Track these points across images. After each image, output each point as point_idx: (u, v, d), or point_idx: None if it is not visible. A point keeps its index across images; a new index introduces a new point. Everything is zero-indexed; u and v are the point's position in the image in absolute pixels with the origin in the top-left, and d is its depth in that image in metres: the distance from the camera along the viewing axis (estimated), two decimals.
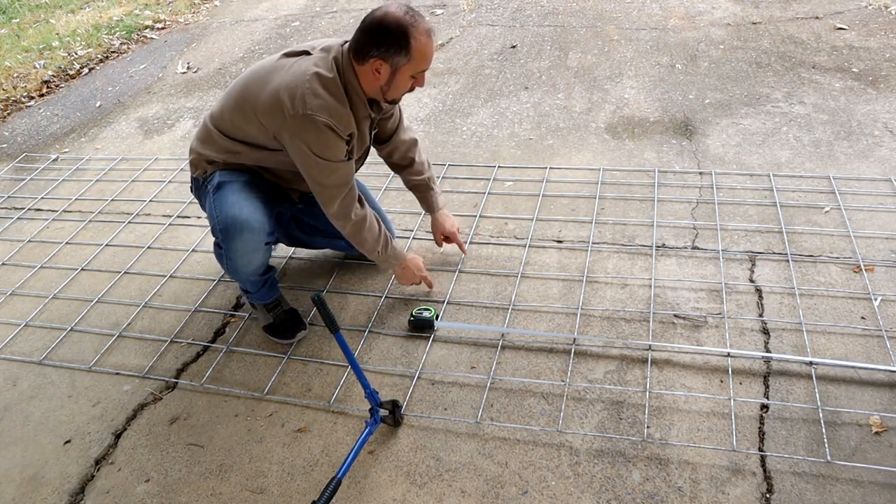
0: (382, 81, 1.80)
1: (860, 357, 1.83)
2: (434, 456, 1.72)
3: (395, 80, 1.80)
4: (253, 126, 1.86)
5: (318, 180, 1.88)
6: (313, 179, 1.88)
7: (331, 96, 1.77)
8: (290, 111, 1.75)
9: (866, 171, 2.56)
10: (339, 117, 1.78)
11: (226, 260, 1.99)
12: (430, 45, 1.76)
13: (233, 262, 1.96)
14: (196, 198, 2.12)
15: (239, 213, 1.87)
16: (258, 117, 1.83)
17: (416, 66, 1.77)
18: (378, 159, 2.32)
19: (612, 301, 2.11)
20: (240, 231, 1.88)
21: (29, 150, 3.70)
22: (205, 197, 2.01)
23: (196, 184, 2.06)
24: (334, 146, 1.81)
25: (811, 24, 3.83)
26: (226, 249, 1.94)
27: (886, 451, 1.59)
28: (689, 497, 1.54)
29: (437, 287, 2.26)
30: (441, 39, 4.32)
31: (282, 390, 1.96)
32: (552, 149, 2.98)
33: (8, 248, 2.83)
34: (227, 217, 1.88)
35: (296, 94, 1.75)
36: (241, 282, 2.09)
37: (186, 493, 1.71)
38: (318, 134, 1.77)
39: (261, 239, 1.94)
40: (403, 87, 1.83)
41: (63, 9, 6.32)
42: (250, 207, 1.89)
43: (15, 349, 2.27)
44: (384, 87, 1.82)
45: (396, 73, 1.78)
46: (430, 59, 1.79)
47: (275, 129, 1.82)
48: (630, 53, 3.77)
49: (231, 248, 1.92)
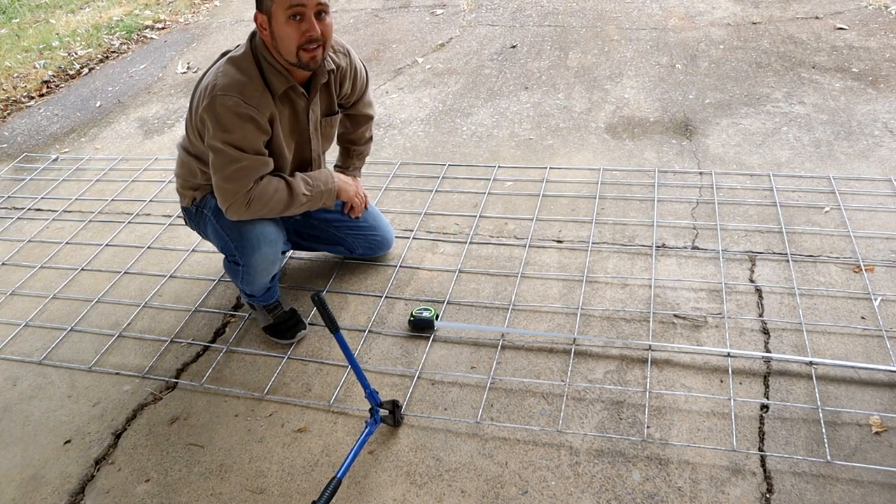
0: (269, 37, 1.70)
1: (860, 357, 1.83)
2: (434, 456, 1.72)
3: (275, 29, 1.67)
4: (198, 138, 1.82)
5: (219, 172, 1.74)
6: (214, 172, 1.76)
7: (239, 73, 1.70)
8: (203, 100, 1.69)
9: (866, 171, 2.56)
10: (248, 94, 1.69)
11: (243, 275, 1.98)
12: None
13: (251, 276, 1.97)
14: (193, 227, 2.10)
15: (253, 228, 1.87)
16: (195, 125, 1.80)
17: (281, 2, 1.63)
18: (376, 158, 2.31)
19: (612, 301, 2.11)
20: (258, 245, 1.88)
21: (29, 150, 3.70)
22: (205, 223, 1.99)
23: (189, 214, 2.04)
24: (244, 128, 1.70)
25: (811, 24, 3.83)
26: (245, 266, 1.94)
27: (886, 451, 1.59)
28: (689, 497, 1.54)
29: (437, 287, 2.26)
30: (441, 39, 4.32)
31: (282, 390, 1.96)
32: (552, 149, 2.98)
33: (8, 248, 2.83)
34: (242, 235, 1.87)
35: (208, 84, 1.70)
36: (255, 292, 2.07)
37: (186, 493, 1.71)
38: (226, 113, 1.67)
39: (278, 249, 1.96)
40: (289, 36, 1.67)
41: (63, 9, 6.32)
42: (262, 221, 1.89)
43: (15, 349, 2.27)
44: (276, 44, 1.70)
45: (272, 18, 1.66)
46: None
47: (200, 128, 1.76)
48: (630, 53, 3.77)
49: (251, 263, 1.92)
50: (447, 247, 2.45)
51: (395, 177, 2.91)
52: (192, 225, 2.09)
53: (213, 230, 1.96)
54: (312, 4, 1.66)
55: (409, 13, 4.88)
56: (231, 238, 1.90)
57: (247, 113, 1.70)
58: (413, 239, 2.51)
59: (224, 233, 1.93)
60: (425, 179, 2.87)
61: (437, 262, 2.38)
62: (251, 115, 1.70)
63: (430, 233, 2.54)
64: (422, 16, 4.79)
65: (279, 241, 1.95)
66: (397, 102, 3.59)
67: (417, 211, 2.65)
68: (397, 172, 2.93)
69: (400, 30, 4.58)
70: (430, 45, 4.26)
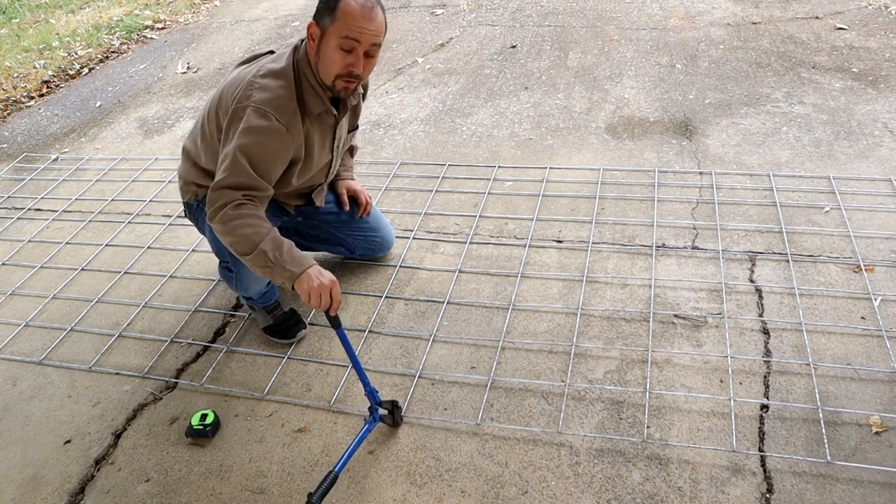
0: (314, 51, 1.67)
1: (860, 357, 1.83)
2: (434, 456, 1.72)
3: (323, 48, 1.65)
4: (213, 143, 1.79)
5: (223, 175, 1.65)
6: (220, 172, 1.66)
7: (278, 87, 1.65)
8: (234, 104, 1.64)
9: (866, 171, 2.56)
10: (283, 109, 1.65)
11: (237, 282, 1.98)
12: (362, 12, 1.60)
13: (244, 283, 1.96)
14: (192, 221, 2.09)
15: None
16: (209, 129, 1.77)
17: (340, 29, 1.60)
18: (376, 158, 2.31)
19: (612, 301, 2.11)
20: None
21: (29, 150, 3.70)
22: (203, 221, 1.95)
23: (190, 208, 2.03)
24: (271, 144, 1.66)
25: (811, 24, 3.83)
26: (237, 273, 1.93)
27: (886, 451, 1.59)
28: (689, 497, 1.54)
29: (437, 287, 2.26)
30: (441, 39, 4.32)
31: (282, 390, 1.96)
32: (552, 149, 2.98)
33: (8, 248, 2.83)
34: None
35: (238, 89, 1.66)
36: (251, 295, 2.07)
37: (186, 493, 1.71)
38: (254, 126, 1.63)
39: None
40: (334, 61, 1.64)
41: (63, 9, 6.32)
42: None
43: (15, 349, 2.27)
44: (318, 60, 1.68)
45: (324, 36, 1.64)
46: (358, 25, 1.60)
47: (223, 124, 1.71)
48: (630, 53, 3.77)
49: (244, 271, 1.91)
50: (447, 247, 2.45)
51: (395, 177, 2.91)
52: (190, 218, 2.09)
53: (210, 232, 1.95)
54: (367, 43, 1.64)
55: (409, 13, 4.88)
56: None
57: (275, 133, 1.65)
58: (413, 239, 2.51)
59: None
60: (425, 179, 2.87)
61: (437, 262, 2.38)
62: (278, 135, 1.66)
63: (430, 233, 2.54)
64: (422, 16, 4.79)
65: None
66: (397, 102, 3.59)
67: (417, 211, 2.65)
68: (397, 172, 2.93)
69: (400, 30, 4.58)
70: (430, 45, 4.26)
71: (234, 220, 1.64)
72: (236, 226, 1.63)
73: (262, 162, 1.68)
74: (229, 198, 1.65)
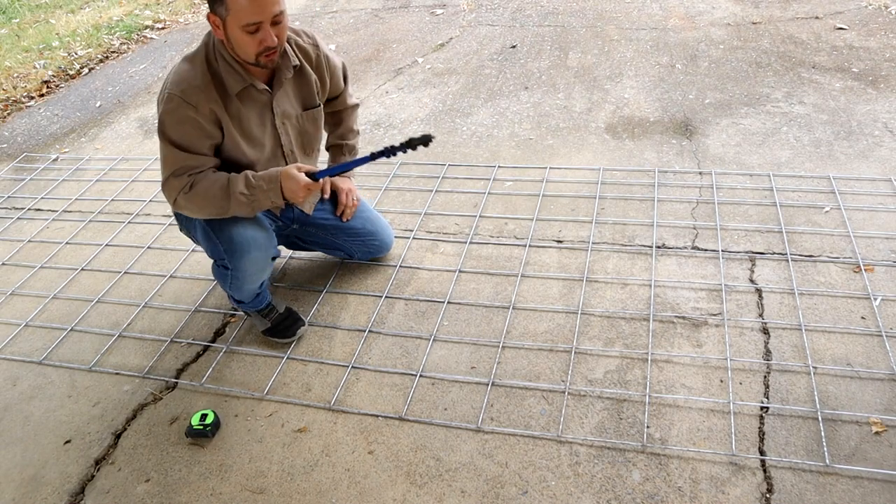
0: (223, 37, 1.68)
1: (860, 357, 1.83)
2: (434, 456, 1.72)
3: (230, 34, 1.65)
4: None
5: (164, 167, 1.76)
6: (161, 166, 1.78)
7: (187, 72, 1.70)
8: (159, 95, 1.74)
9: (866, 171, 2.56)
10: (189, 94, 1.68)
11: (232, 280, 1.96)
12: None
13: (240, 281, 1.95)
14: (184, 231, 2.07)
15: (244, 232, 1.85)
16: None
17: (238, 18, 1.60)
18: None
19: (612, 301, 2.11)
20: (248, 250, 1.86)
21: (29, 150, 3.70)
22: (194, 226, 1.96)
23: (180, 218, 2.01)
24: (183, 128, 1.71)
25: (811, 24, 3.83)
26: (234, 270, 1.91)
27: (886, 451, 1.59)
28: (689, 497, 1.54)
29: (437, 287, 2.26)
30: (441, 39, 4.32)
31: (282, 390, 1.96)
32: (552, 149, 2.98)
33: (8, 248, 2.83)
34: (231, 238, 1.84)
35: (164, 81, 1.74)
36: (243, 298, 2.05)
37: (186, 493, 1.71)
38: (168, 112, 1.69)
39: (268, 254, 1.95)
40: (246, 44, 1.64)
41: (63, 9, 6.32)
42: (252, 226, 1.88)
43: (15, 349, 2.27)
44: (231, 46, 1.68)
45: (225, 24, 1.63)
46: (251, 11, 1.59)
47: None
48: (630, 53, 3.77)
49: (240, 267, 1.90)
50: (447, 247, 2.45)
51: (395, 177, 2.91)
52: (183, 229, 2.06)
53: (202, 233, 1.93)
54: (268, 18, 1.63)
55: (409, 13, 4.88)
56: (221, 241, 1.87)
57: (186, 114, 1.70)
58: (413, 239, 2.51)
59: (214, 236, 1.88)
60: (425, 179, 2.87)
61: (437, 262, 2.38)
62: (189, 116, 1.71)
63: (430, 233, 2.54)
64: (422, 16, 4.79)
65: (269, 246, 1.93)
66: (397, 102, 3.59)
67: (417, 211, 2.65)
68: (397, 172, 2.93)
69: (400, 30, 4.58)
70: (430, 45, 4.26)
71: (194, 191, 1.74)
72: (197, 191, 1.73)
73: (186, 142, 1.74)
74: (179, 184, 1.74)
